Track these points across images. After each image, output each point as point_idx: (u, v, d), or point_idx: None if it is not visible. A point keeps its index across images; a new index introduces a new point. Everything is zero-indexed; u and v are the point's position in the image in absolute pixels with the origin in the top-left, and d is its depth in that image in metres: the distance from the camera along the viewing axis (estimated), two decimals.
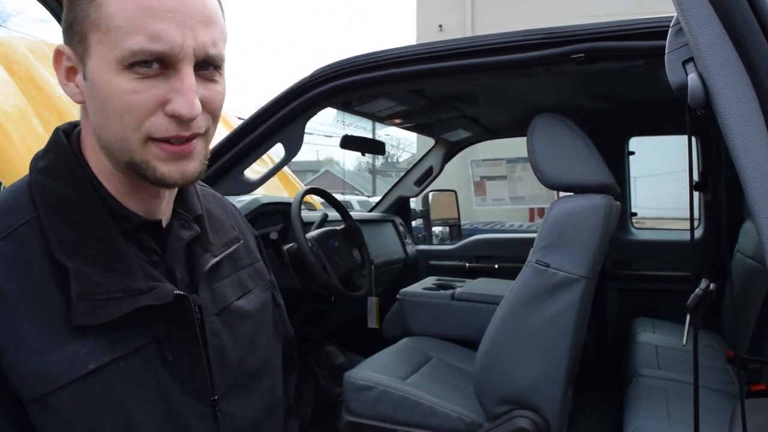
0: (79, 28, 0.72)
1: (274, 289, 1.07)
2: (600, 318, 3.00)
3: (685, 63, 0.79)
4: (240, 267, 0.97)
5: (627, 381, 2.13)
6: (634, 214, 3.20)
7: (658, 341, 2.50)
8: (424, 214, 3.67)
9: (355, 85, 1.72)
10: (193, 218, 0.89)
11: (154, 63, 0.69)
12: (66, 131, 0.82)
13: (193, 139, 0.74)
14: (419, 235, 3.69)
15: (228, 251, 0.92)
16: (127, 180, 0.78)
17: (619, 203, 1.86)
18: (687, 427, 1.58)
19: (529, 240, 1.92)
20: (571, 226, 1.64)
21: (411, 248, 3.23)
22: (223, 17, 0.77)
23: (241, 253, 0.98)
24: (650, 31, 1.38)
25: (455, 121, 2.80)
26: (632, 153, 3.13)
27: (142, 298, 0.74)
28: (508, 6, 9.85)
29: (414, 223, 3.61)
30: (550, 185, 1.72)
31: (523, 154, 1.89)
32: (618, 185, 1.83)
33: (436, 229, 4.01)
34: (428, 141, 3.32)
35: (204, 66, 0.73)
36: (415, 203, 3.66)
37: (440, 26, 10.68)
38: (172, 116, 0.71)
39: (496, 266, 3.13)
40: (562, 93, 2.40)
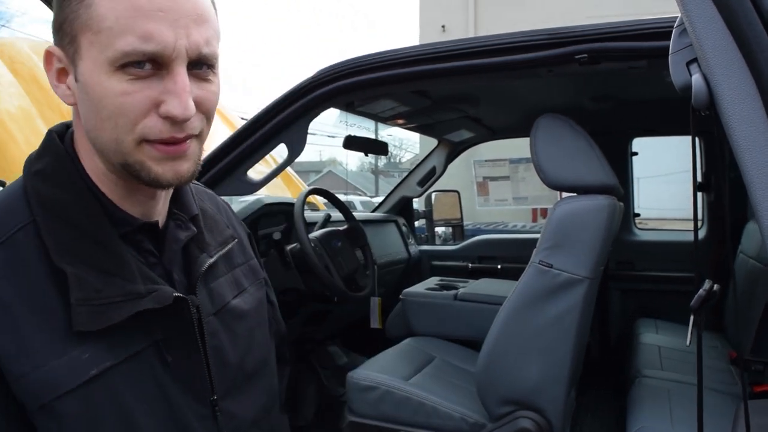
0: (69, 29, 0.71)
1: (267, 287, 1.07)
2: (603, 319, 2.99)
3: (689, 64, 0.79)
4: (235, 265, 0.97)
5: (630, 382, 2.13)
6: (637, 214, 3.20)
7: (661, 342, 2.50)
8: (427, 214, 3.66)
9: (358, 85, 1.72)
10: (189, 218, 0.88)
11: (146, 63, 0.68)
12: (59, 133, 0.81)
13: (187, 140, 0.73)
14: (422, 235, 3.69)
15: (223, 251, 0.92)
16: (122, 182, 0.77)
17: (622, 204, 1.86)
18: (690, 428, 1.57)
19: (532, 241, 1.92)
20: (574, 227, 1.64)
21: (414, 248, 3.23)
22: (216, 15, 0.76)
23: (236, 252, 0.98)
24: (653, 31, 1.38)
25: (458, 121, 2.80)
26: (635, 153, 3.12)
27: (142, 302, 0.73)
28: (511, 6, 9.84)
29: (417, 224, 3.61)
30: (553, 186, 1.72)
31: (526, 155, 1.88)
32: (621, 186, 1.83)
33: (439, 230, 4.00)
34: (431, 141, 3.32)
35: (197, 65, 0.72)
36: (418, 204, 3.66)
37: (443, 27, 10.68)
38: (166, 117, 0.70)
39: (498, 267, 3.13)
40: (565, 93, 2.40)
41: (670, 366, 2.22)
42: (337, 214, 2.49)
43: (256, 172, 1.87)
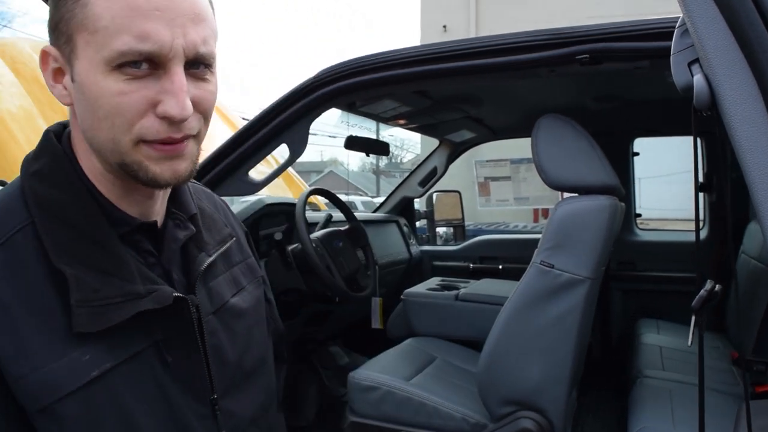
0: (65, 28, 0.70)
1: (265, 285, 1.07)
2: (604, 319, 2.99)
3: (690, 64, 0.79)
4: (233, 264, 0.96)
5: (631, 382, 2.13)
6: (639, 215, 3.20)
7: (662, 342, 2.50)
8: (428, 214, 3.66)
9: (360, 85, 1.72)
10: (188, 217, 0.88)
11: (143, 63, 0.68)
12: (56, 133, 0.80)
13: (185, 140, 0.73)
14: (423, 235, 3.69)
15: (222, 249, 0.92)
16: (120, 182, 0.77)
17: (623, 204, 1.86)
18: (692, 428, 1.57)
19: (533, 241, 1.91)
20: (575, 227, 1.64)
21: (415, 249, 3.23)
22: (213, 14, 0.75)
23: (234, 250, 0.98)
24: (655, 31, 1.38)
25: (459, 121, 2.80)
26: (637, 154, 3.12)
27: (142, 303, 0.73)
28: (512, 6, 9.85)
29: (418, 224, 3.61)
30: (555, 186, 1.72)
31: (528, 155, 1.88)
32: (622, 186, 1.83)
33: (440, 230, 4.00)
34: (432, 142, 3.32)
35: (195, 65, 0.72)
36: (419, 204, 3.66)
37: (444, 27, 10.69)
38: (163, 117, 0.69)
39: (500, 267, 3.13)
40: (566, 94, 2.40)
41: (671, 366, 2.22)
42: (338, 215, 2.50)
43: (258, 172, 1.87)
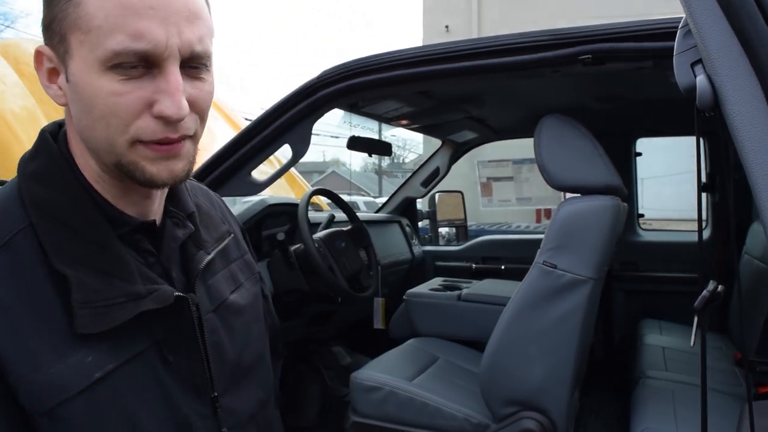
0: (58, 28, 0.69)
1: (261, 282, 1.07)
2: (607, 319, 2.99)
3: (693, 65, 0.79)
4: (231, 260, 0.96)
5: (634, 382, 2.13)
6: (641, 215, 3.19)
7: (665, 343, 2.49)
8: (431, 215, 3.66)
9: (363, 86, 1.72)
10: (186, 216, 0.87)
11: (137, 63, 0.67)
12: (52, 132, 0.80)
13: (181, 140, 0.72)
14: (426, 236, 3.69)
15: (220, 246, 0.92)
16: (117, 182, 0.76)
17: (626, 204, 1.85)
18: (694, 429, 1.58)
19: (535, 241, 1.91)
20: (578, 228, 1.64)
21: (417, 249, 3.23)
22: (209, 12, 0.74)
23: (231, 247, 0.98)
24: (658, 32, 1.38)
25: (462, 122, 2.80)
26: (639, 154, 3.12)
27: (143, 303, 0.73)
28: (515, 7, 9.85)
29: (420, 224, 3.61)
30: (557, 186, 1.72)
31: (530, 156, 1.89)
32: (625, 186, 1.83)
33: (443, 230, 4.01)
34: (435, 142, 3.32)
35: (190, 64, 0.71)
36: (421, 204, 3.66)
37: (446, 27, 10.69)
38: (159, 117, 0.68)
39: (502, 267, 3.12)
40: (569, 94, 2.39)
41: (674, 367, 2.21)
42: (340, 215, 2.50)
43: (260, 172, 1.88)
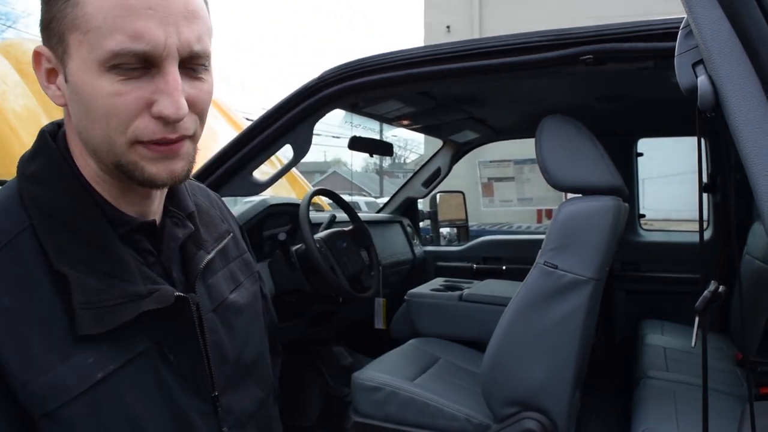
0: (56, 28, 0.69)
1: (260, 281, 1.07)
2: (608, 320, 2.99)
3: (694, 65, 0.79)
4: (230, 260, 0.97)
5: (635, 383, 2.12)
6: (643, 215, 3.20)
7: (666, 343, 2.49)
8: (432, 215, 3.67)
9: (365, 86, 1.72)
10: (186, 215, 0.87)
11: (136, 63, 0.67)
12: (51, 132, 0.79)
13: (180, 140, 0.72)
14: (427, 236, 3.70)
15: (220, 246, 0.92)
16: (117, 182, 0.76)
17: (627, 205, 1.85)
18: (695, 429, 1.57)
19: (537, 241, 1.91)
20: (579, 228, 1.64)
21: (419, 249, 3.23)
22: (207, 11, 0.74)
23: (231, 246, 0.98)
24: (659, 32, 1.38)
25: (463, 122, 2.80)
26: (641, 154, 3.12)
27: (144, 303, 0.73)
28: (516, 7, 9.85)
29: (422, 225, 3.61)
30: (559, 187, 1.72)
31: (531, 156, 1.89)
32: (626, 187, 1.83)
33: (444, 231, 4.01)
34: (436, 142, 3.32)
35: (189, 64, 0.71)
36: (422, 204, 3.66)
37: (448, 27, 10.69)
38: (158, 118, 0.68)
39: (503, 268, 3.13)
40: (570, 94, 2.40)
41: (675, 367, 2.21)
42: (342, 215, 2.50)
43: (262, 173, 1.88)
